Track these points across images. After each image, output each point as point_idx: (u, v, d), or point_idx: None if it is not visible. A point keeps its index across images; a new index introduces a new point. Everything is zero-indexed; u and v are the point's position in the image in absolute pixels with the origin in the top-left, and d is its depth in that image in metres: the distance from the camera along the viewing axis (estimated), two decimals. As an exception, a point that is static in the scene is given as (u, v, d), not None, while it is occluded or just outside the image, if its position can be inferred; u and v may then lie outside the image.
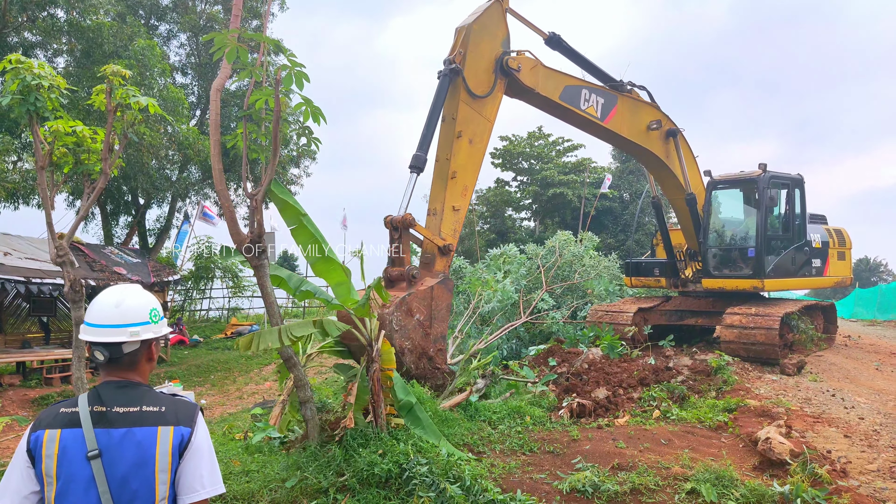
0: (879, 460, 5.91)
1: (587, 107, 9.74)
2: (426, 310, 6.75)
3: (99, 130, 7.67)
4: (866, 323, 22.78)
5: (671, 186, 11.95)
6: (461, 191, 7.85)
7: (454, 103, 7.84)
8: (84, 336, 2.42)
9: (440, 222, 7.53)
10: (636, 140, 10.70)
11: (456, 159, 7.77)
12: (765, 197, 11.20)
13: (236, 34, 4.96)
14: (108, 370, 2.41)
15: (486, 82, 8.15)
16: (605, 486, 5.07)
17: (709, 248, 11.83)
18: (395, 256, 7.28)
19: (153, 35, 23.01)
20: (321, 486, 4.94)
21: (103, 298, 2.45)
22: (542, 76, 8.99)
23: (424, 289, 6.86)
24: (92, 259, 17.52)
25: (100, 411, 2.28)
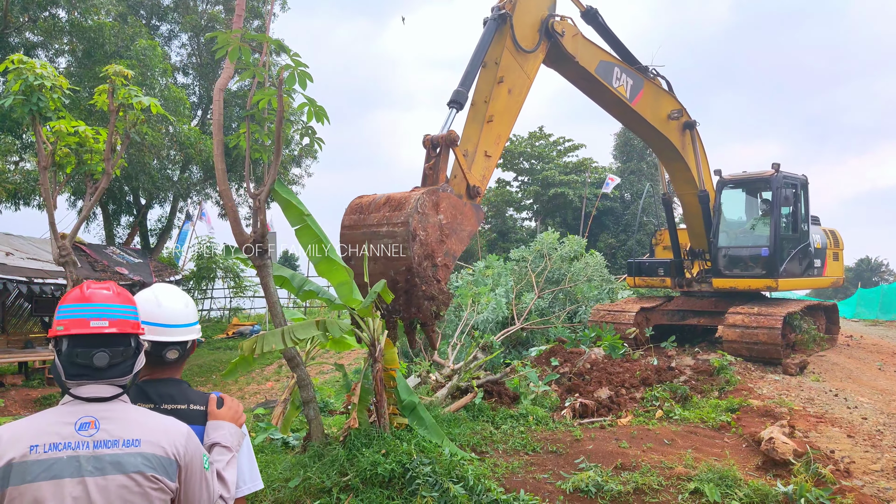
0: (883, 460, 5.91)
1: (618, 85, 9.66)
2: (451, 217, 6.30)
3: (101, 130, 7.68)
4: (868, 323, 22.76)
5: (683, 181, 11.89)
6: (495, 138, 7.56)
7: (499, 49, 7.63)
8: (161, 337, 2.45)
9: (471, 163, 7.13)
10: (658, 127, 10.64)
11: (495, 104, 7.51)
12: (779, 197, 11.22)
13: (239, 34, 4.96)
14: (157, 369, 2.47)
15: (530, 38, 8.00)
16: (609, 486, 5.06)
17: (720, 248, 11.77)
18: (430, 173, 6.84)
19: (154, 35, 23.01)
20: (324, 486, 4.94)
21: (168, 300, 2.52)
22: (582, 46, 8.90)
23: (459, 199, 6.52)
24: (94, 259, 17.53)
25: (146, 408, 2.30)
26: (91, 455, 1.95)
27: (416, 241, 5.82)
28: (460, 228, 6.46)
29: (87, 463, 1.93)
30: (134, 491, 1.96)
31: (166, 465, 2.03)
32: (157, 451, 2.02)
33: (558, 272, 15.30)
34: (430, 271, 6.03)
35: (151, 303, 2.49)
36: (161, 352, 2.44)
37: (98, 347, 2.06)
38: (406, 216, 5.83)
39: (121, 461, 1.97)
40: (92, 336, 2.07)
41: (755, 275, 11.28)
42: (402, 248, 5.89)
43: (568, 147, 40.09)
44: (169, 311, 2.49)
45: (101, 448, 1.97)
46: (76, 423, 1.99)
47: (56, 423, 1.98)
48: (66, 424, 1.98)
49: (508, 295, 14.53)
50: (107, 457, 1.96)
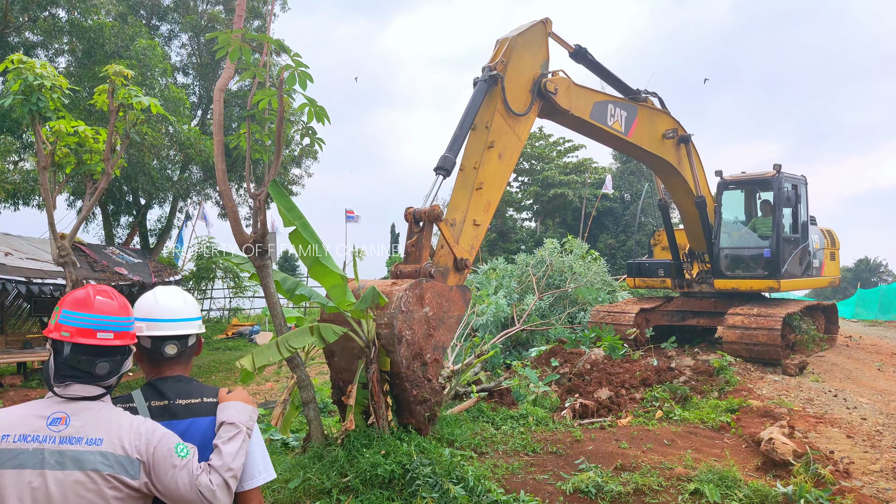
0: (882, 461, 5.91)
1: (613, 122, 9.67)
2: (437, 308, 6.02)
3: (101, 131, 7.69)
4: (868, 323, 22.77)
5: (680, 191, 11.94)
6: (485, 205, 7.20)
7: (489, 112, 7.35)
8: (157, 332, 2.50)
9: (459, 234, 6.78)
10: (654, 150, 10.66)
11: (484, 170, 7.18)
12: (782, 197, 11.28)
13: (240, 34, 4.96)
14: (163, 366, 2.51)
15: (523, 100, 7.79)
16: (609, 487, 5.06)
17: (721, 249, 11.79)
18: (413, 251, 6.55)
19: (154, 35, 23.00)
20: (324, 487, 4.94)
21: (165, 297, 2.58)
22: (575, 95, 8.75)
23: (444, 285, 6.24)
24: (93, 259, 17.52)
25: (160, 405, 2.38)
26: (55, 449, 2.03)
27: (402, 344, 5.58)
28: (448, 317, 6.18)
29: (49, 457, 2.02)
30: (88, 488, 2.03)
31: (126, 464, 2.09)
32: (116, 451, 2.08)
33: (559, 277, 15.33)
34: (420, 371, 5.78)
35: (149, 300, 2.57)
36: (161, 347, 2.49)
37: (101, 357, 2.18)
38: (390, 317, 5.57)
39: (80, 458, 2.04)
40: (96, 346, 2.17)
41: (757, 276, 11.30)
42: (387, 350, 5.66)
43: (568, 147, 40.11)
44: (165, 307, 2.55)
45: (66, 444, 2.05)
46: (49, 417, 2.08)
47: (31, 416, 2.08)
48: (39, 418, 2.08)
49: (510, 297, 14.55)
50: (69, 452, 2.04)
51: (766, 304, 11.20)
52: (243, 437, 2.36)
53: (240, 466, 2.30)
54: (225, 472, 2.23)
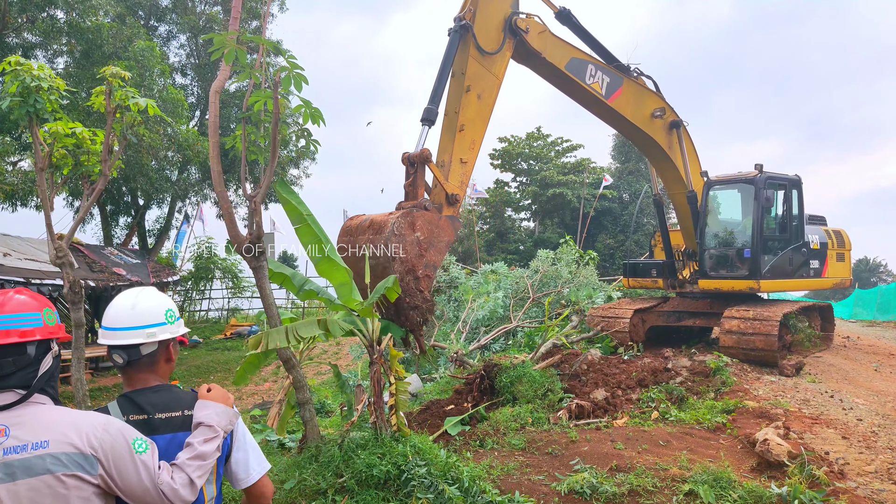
0: (877, 462, 5.92)
1: (592, 82, 9.73)
2: (428, 233, 6.76)
3: (98, 132, 7.69)
4: (866, 323, 22.78)
5: (672, 180, 11.90)
6: (469, 144, 7.90)
7: (464, 59, 7.92)
8: (102, 340, 2.46)
9: (448, 173, 7.60)
10: (640, 125, 10.68)
11: (465, 113, 7.83)
12: (761, 197, 11.19)
13: (235, 35, 4.97)
14: (129, 374, 2.45)
15: (495, 40, 8.23)
16: (603, 488, 5.08)
17: (705, 249, 11.79)
18: (410, 189, 7.34)
19: (153, 36, 23.03)
20: (320, 488, 4.95)
21: (119, 302, 2.51)
22: (550, 43, 9.04)
23: (433, 214, 6.94)
24: (91, 260, 17.53)
25: (140, 419, 2.32)
26: (1, 462, 1.96)
27: (396, 261, 6.32)
28: (438, 241, 6.92)
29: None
30: (44, 493, 1.97)
31: (80, 461, 2.03)
32: (67, 449, 2.02)
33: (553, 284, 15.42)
34: (413, 284, 6.50)
35: (109, 307, 2.50)
36: (111, 356, 2.45)
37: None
38: (385, 239, 6.37)
39: (29, 465, 1.97)
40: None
41: (738, 276, 11.28)
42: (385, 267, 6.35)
43: (566, 147, 40.15)
44: (111, 314, 2.48)
45: (11, 454, 1.98)
46: None
47: None
48: None
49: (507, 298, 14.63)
50: (16, 462, 1.97)
51: (763, 306, 11.12)
52: (219, 441, 2.35)
53: (208, 469, 2.28)
54: (193, 470, 2.21)
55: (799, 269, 11.97)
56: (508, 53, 8.46)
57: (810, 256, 12.22)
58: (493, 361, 8.72)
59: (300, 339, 5.16)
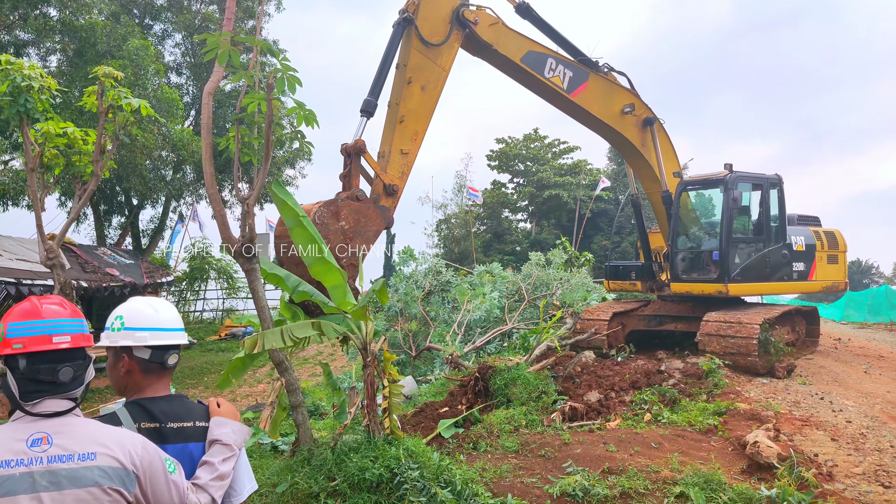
0: (865, 463, 5.96)
1: (552, 76, 9.59)
2: (354, 222, 6.81)
3: (90, 132, 7.68)
4: (857, 325, 22.90)
5: (648, 178, 11.63)
6: (411, 135, 7.95)
7: (407, 51, 7.97)
8: (165, 340, 2.47)
9: (387, 163, 7.66)
10: (608, 121, 10.49)
11: (406, 104, 7.89)
12: (729, 198, 10.77)
13: (229, 37, 4.97)
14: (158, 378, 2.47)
15: (441, 31, 8.23)
16: (595, 491, 5.10)
17: (677, 251, 11.39)
18: (345, 180, 7.41)
19: (147, 35, 22.95)
20: (312, 491, 4.95)
21: (161, 306, 2.55)
22: (504, 35, 8.97)
23: (360, 204, 6.98)
24: (84, 260, 17.47)
25: (151, 428, 2.32)
26: (45, 470, 1.94)
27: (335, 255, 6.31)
28: (365, 230, 6.99)
29: (41, 478, 1.92)
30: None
31: (123, 477, 2.03)
32: (112, 464, 2.02)
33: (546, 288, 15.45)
34: None
35: (148, 310, 2.51)
36: (163, 357, 2.46)
37: (61, 363, 2.08)
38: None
39: (77, 475, 1.96)
40: (53, 352, 2.08)
41: (708, 279, 10.89)
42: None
43: (563, 149, 40.22)
44: (167, 316, 2.53)
45: (56, 463, 1.96)
46: (28, 439, 1.98)
47: (8, 440, 1.97)
48: (18, 441, 1.97)
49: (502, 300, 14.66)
50: (62, 471, 1.95)
51: (743, 311, 10.65)
52: (236, 459, 2.38)
53: (225, 486, 2.32)
54: (215, 490, 2.26)
55: (779, 272, 11.44)
56: (456, 45, 8.46)
57: (794, 258, 11.70)
58: (488, 364, 8.73)
59: (295, 340, 5.17)
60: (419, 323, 14.30)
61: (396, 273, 17.03)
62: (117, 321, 2.47)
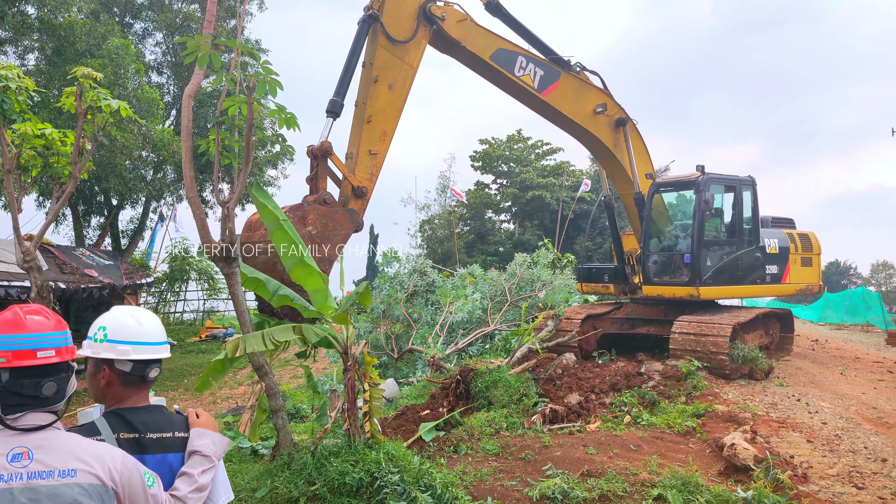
0: (839, 465, 6.06)
1: (522, 74, 9.46)
2: (322, 227, 6.63)
3: (69, 133, 7.60)
4: (834, 327, 23.25)
5: (621, 179, 11.52)
6: (379, 135, 7.77)
7: (373, 49, 7.80)
8: (148, 355, 2.47)
9: (355, 165, 7.46)
10: (580, 121, 10.37)
11: (373, 104, 7.72)
12: (701, 200, 10.60)
13: (209, 39, 4.94)
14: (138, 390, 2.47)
15: (408, 28, 8.07)
16: (574, 493, 5.13)
17: (649, 253, 11.22)
18: (312, 183, 7.23)
19: (128, 33, 22.72)
20: (292, 496, 4.94)
21: (145, 318, 2.54)
22: (473, 32, 8.84)
23: (327, 208, 6.80)
24: (62, 261, 17.25)
25: (130, 438, 2.32)
26: (25, 487, 1.92)
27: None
28: (334, 234, 6.81)
29: (20, 495, 1.90)
30: None
31: (102, 494, 2.02)
32: (92, 481, 2.00)
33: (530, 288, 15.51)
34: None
35: (132, 322, 2.50)
36: (144, 371, 2.45)
37: (45, 377, 2.06)
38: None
39: (56, 492, 1.95)
40: (38, 367, 2.06)
41: (678, 282, 10.74)
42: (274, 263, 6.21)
43: (546, 150, 40.44)
44: (151, 329, 2.52)
45: (36, 479, 1.94)
46: (8, 454, 1.95)
47: None
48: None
49: (484, 300, 14.69)
50: (42, 488, 1.93)
51: (715, 314, 10.57)
52: (215, 471, 2.39)
53: (203, 498, 2.33)
54: (194, 502, 2.26)
55: (752, 275, 11.31)
56: (424, 41, 8.30)
57: (767, 261, 11.57)
58: (469, 366, 8.75)
59: (276, 344, 5.15)
60: (402, 325, 14.30)
61: (380, 274, 17.03)
62: (100, 332, 2.45)
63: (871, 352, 15.08)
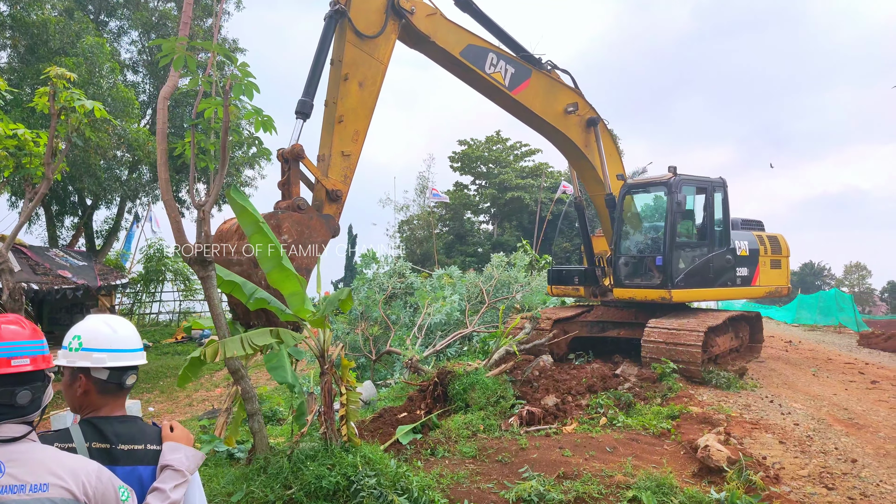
0: (811, 466, 6.17)
1: (493, 71, 9.32)
2: (298, 234, 6.43)
3: (42, 133, 7.48)
4: (807, 328, 23.63)
5: (591, 180, 11.46)
6: (352, 135, 7.50)
7: (341, 45, 7.54)
8: (124, 362, 2.44)
9: (328, 167, 7.22)
10: (551, 121, 10.28)
11: (344, 103, 7.47)
12: (674, 201, 10.50)
13: (185, 42, 4.90)
14: (115, 398, 2.44)
15: (376, 22, 7.83)
16: (551, 496, 5.17)
17: (620, 255, 11.17)
18: (284, 189, 7.00)
19: (103, 32, 22.41)
20: (267, 500, 4.91)
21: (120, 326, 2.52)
22: (442, 27, 8.67)
23: (302, 215, 6.60)
24: (35, 262, 16.97)
25: (102, 448, 2.29)
26: None
27: (259, 267, 5.88)
28: (310, 242, 6.62)
29: None
30: None
31: None
32: (64, 496, 1.97)
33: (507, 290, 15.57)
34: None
35: (107, 330, 2.48)
36: (121, 378, 2.43)
37: (20, 386, 2.04)
38: (247, 247, 5.90)
39: None
40: (12, 374, 2.03)
41: (650, 284, 10.66)
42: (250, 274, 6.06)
43: (524, 152, 40.61)
44: (126, 337, 2.50)
45: (7, 493, 1.91)
46: None
47: None
48: None
49: (462, 303, 14.72)
50: (12, 503, 1.90)
51: (687, 316, 10.50)
52: (187, 486, 2.35)
53: None
54: None
55: (722, 277, 11.28)
56: (393, 36, 8.07)
57: (737, 263, 11.54)
58: (447, 369, 8.77)
59: (255, 348, 5.13)
60: (380, 326, 14.28)
61: (359, 276, 16.98)
62: (75, 341, 2.42)
63: (843, 353, 15.36)
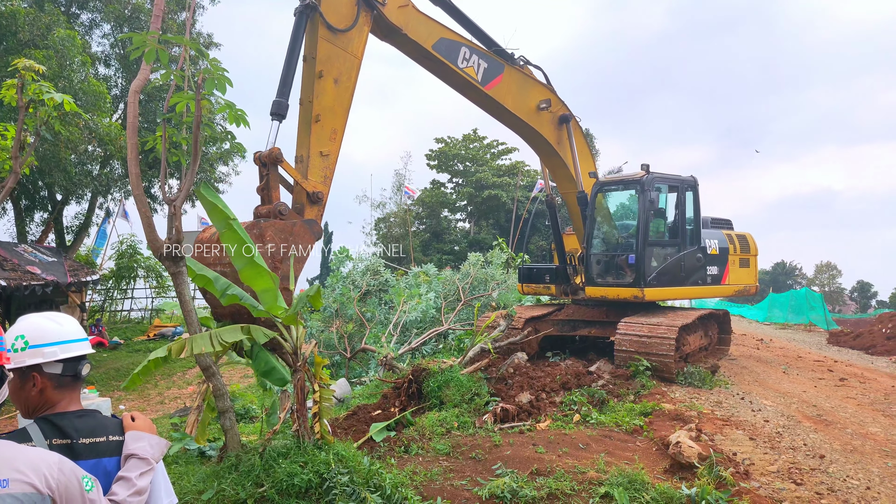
0: (780, 461, 6.28)
1: (466, 66, 9.24)
2: (281, 242, 6.24)
3: (10, 127, 7.32)
4: (779, 326, 24.04)
5: (563, 178, 11.44)
6: (329, 134, 7.29)
7: (313, 41, 7.31)
8: (71, 353, 2.40)
9: (307, 169, 7.00)
10: (523, 117, 10.24)
11: (320, 101, 7.25)
12: (646, 199, 10.55)
13: (156, 35, 4.83)
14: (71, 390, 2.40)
15: (348, 15, 7.61)
16: (524, 492, 5.19)
17: (591, 254, 11.13)
18: (263, 194, 6.77)
19: (74, 24, 21.96)
20: (239, 498, 4.87)
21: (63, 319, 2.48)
22: (414, 19, 8.54)
23: (285, 222, 6.42)
24: (3, 257, 16.60)
25: (62, 444, 2.25)
26: None
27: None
28: (295, 248, 6.45)
29: None
30: None
31: (37, 502, 1.96)
32: (26, 490, 1.94)
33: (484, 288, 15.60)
34: None
35: (51, 324, 2.43)
36: (76, 369, 2.41)
37: None
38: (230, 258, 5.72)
39: None
40: None
41: (623, 283, 10.66)
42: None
43: (501, 150, 40.74)
44: (71, 328, 2.46)
45: None
46: None
47: None
48: None
49: (438, 301, 14.73)
50: None
51: (658, 315, 10.51)
52: (153, 474, 2.34)
53: (143, 502, 2.28)
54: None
55: (693, 276, 11.32)
56: (366, 28, 7.86)
57: (708, 262, 11.59)
58: (422, 366, 8.76)
59: (224, 344, 5.07)
60: (355, 324, 14.22)
61: (333, 273, 16.90)
62: (18, 341, 2.35)
63: (813, 351, 15.67)
